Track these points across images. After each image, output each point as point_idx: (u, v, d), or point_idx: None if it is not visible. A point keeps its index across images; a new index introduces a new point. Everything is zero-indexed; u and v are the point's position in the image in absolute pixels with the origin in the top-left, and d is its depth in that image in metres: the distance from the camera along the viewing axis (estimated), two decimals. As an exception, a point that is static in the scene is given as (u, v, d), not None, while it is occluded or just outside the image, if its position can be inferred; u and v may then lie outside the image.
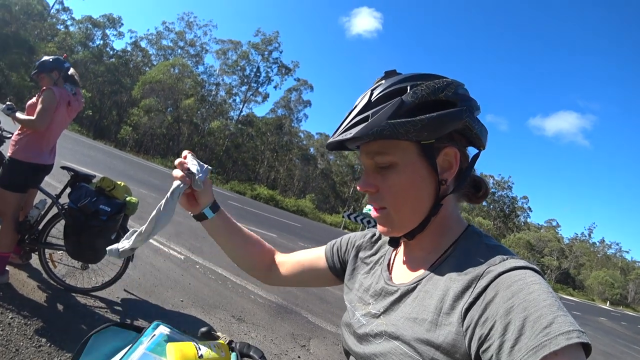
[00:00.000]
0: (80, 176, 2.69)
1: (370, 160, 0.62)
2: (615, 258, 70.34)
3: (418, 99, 0.57)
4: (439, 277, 0.58)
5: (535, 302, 0.45)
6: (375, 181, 0.62)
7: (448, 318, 0.52)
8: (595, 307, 35.24)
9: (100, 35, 39.12)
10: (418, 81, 0.59)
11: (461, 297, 0.53)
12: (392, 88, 0.59)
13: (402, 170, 0.59)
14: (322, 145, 46.93)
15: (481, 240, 0.60)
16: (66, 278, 2.91)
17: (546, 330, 0.43)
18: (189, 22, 42.04)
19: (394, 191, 0.60)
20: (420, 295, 0.58)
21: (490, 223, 49.42)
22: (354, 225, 28.66)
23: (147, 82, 32.06)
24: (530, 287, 0.47)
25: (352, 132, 0.58)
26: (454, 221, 0.64)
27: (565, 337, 0.42)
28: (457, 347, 0.50)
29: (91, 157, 11.81)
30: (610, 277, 56.13)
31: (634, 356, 10.04)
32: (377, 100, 0.58)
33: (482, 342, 0.47)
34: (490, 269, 0.52)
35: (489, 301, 0.49)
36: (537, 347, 0.42)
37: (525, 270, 0.51)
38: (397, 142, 0.58)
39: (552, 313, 0.44)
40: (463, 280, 0.54)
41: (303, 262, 0.88)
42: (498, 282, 0.50)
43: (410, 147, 0.59)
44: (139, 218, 5.57)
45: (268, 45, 40.75)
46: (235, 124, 39.88)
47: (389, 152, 0.59)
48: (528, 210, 58.96)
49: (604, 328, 15.84)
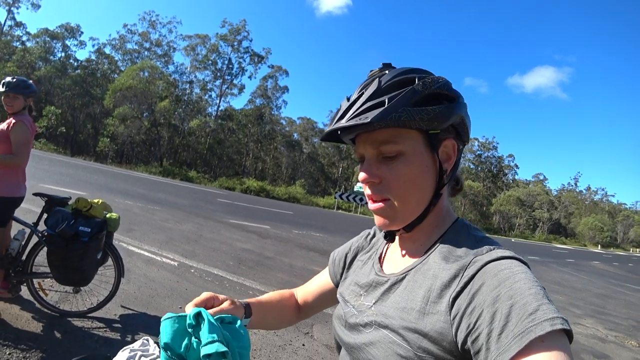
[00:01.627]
0: (54, 201, 2.64)
1: (375, 150, 0.61)
2: (602, 203, 72.81)
3: (427, 89, 0.58)
4: (428, 267, 0.59)
5: (520, 291, 0.47)
6: (379, 171, 0.61)
7: (436, 307, 0.54)
8: (587, 252, 36.57)
9: (61, 47, 37.71)
10: (423, 73, 0.61)
11: (449, 286, 0.54)
12: (402, 77, 0.60)
13: (411, 159, 0.59)
14: (305, 129, 46.68)
15: (469, 232, 0.62)
16: (60, 304, 2.89)
17: (532, 316, 0.44)
18: (152, 22, 40.69)
19: (403, 181, 0.60)
20: (410, 285, 0.60)
21: (480, 184, 50.28)
22: (347, 205, 28.91)
23: (118, 89, 31.11)
24: (516, 276, 0.49)
25: (369, 116, 0.56)
26: (445, 213, 0.66)
27: (550, 323, 0.43)
28: (445, 335, 0.52)
29: (70, 176, 11.53)
30: (599, 221, 58.13)
31: (627, 294, 10.53)
32: (388, 87, 0.59)
33: (470, 331, 0.49)
34: (477, 258, 0.54)
35: (476, 290, 0.50)
36: (523, 332, 0.43)
37: (511, 260, 0.52)
38: (406, 131, 0.59)
39: (537, 301, 0.46)
40: (450, 270, 0.55)
41: (315, 292, 0.89)
42: (485, 271, 0.52)
43: (418, 136, 0.59)
44: (128, 230, 5.53)
45: (236, 35, 39.82)
46: (214, 120, 39.28)
47: (397, 141, 0.59)
48: (515, 168, 60.23)
49: (598, 271, 16.49)
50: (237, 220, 9.36)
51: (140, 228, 5.94)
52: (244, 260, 5.41)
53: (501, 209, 50.66)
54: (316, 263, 6.25)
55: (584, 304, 7.67)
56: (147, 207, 8.18)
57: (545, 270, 12.51)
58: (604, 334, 5.44)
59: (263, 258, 5.82)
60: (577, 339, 4.90)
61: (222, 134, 39.42)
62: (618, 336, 5.44)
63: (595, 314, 6.82)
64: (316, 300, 0.89)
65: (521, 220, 52.59)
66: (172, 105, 35.19)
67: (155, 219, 7.00)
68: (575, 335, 4.50)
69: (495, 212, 51.76)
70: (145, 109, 34.06)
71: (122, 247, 4.70)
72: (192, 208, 10.13)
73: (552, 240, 48.63)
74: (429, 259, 0.61)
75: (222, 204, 13.13)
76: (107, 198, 8.07)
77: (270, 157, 43.96)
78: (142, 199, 9.43)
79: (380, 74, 0.61)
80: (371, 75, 0.64)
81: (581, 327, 5.60)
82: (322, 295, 0.88)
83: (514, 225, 52.51)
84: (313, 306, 0.90)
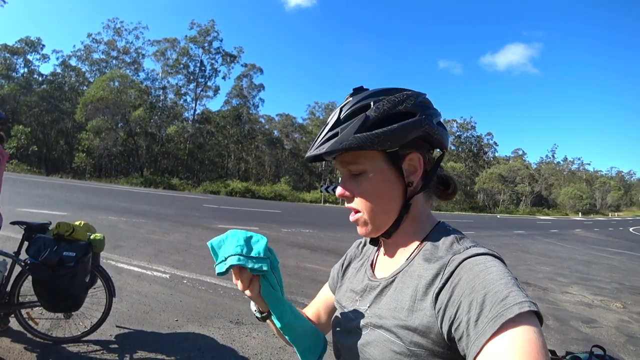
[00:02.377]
0: (33, 228, 2.56)
1: (345, 169, 0.69)
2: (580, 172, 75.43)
3: (380, 113, 0.63)
4: (414, 269, 0.64)
5: (493, 281, 0.52)
6: (350, 187, 0.69)
7: (422, 303, 0.59)
8: (570, 220, 37.88)
9: (23, 62, 36.11)
10: (381, 96, 0.65)
11: (432, 284, 0.59)
12: (358, 105, 0.65)
13: (372, 177, 0.66)
14: (284, 126, 46.41)
15: (448, 233, 0.67)
16: (52, 331, 2.82)
17: (502, 302, 0.49)
18: (117, 29, 39.44)
19: (366, 196, 0.67)
20: (399, 286, 0.65)
21: (462, 165, 51.24)
22: (333, 198, 29.00)
23: (89, 102, 30.14)
24: (489, 269, 0.54)
25: (325, 147, 0.65)
26: (424, 218, 0.71)
27: (519, 307, 0.48)
28: (431, 328, 0.57)
29: (48, 197, 11.15)
30: (578, 190, 60.24)
31: (609, 258, 11.00)
32: (345, 117, 0.65)
33: (452, 321, 0.54)
34: (455, 257, 0.59)
35: (455, 284, 0.56)
36: (495, 317, 0.48)
37: (485, 255, 0.58)
38: (365, 152, 0.65)
39: (508, 289, 0.51)
40: (433, 269, 0.61)
41: (320, 309, 0.92)
42: (462, 267, 0.57)
43: (377, 155, 0.66)
44: (114, 247, 5.42)
45: (206, 36, 39.05)
46: (192, 124, 38.60)
47: (359, 162, 0.66)
48: (494, 145, 61.65)
49: (580, 239, 17.14)
50: (226, 225, 9.28)
51: (128, 243, 5.83)
52: (236, 265, 5.37)
53: (484, 186, 51.82)
54: (308, 260, 6.28)
55: (570, 272, 7.97)
56: (132, 221, 8.02)
57: (531, 243, 12.92)
58: (590, 299, 5.68)
59: (255, 261, 5.79)
60: (565, 307, 5.10)
61: (201, 138, 38.83)
62: (603, 300, 5.70)
63: (581, 280, 7.11)
64: (322, 317, 0.91)
65: (505, 196, 53.94)
66: (147, 113, 34.38)
67: (142, 232, 6.88)
68: (563, 304, 4.65)
69: (479, 191, 52.93)
70: (119, 120, 33.17)
71: (110, 264, 4.61)
72: (178, 217, 9.99)
73: (536, 213, 50.15)
74: (413, 261, 0.66)
75: (209, 210, 12.99)
76: (90, 215, 7.88)
77: (253, 157, 43.59)
78: (126, 213, 9.24)
79: (344, 103, 0.68)
80: (345, 99, 0.69)
81: (568, 295, 5.84)
82: (327, 310, 0.90)
83: (498, 201, 53.82)
84: (320, 325, 0.91)
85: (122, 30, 39.50)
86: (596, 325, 4.49)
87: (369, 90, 0.68)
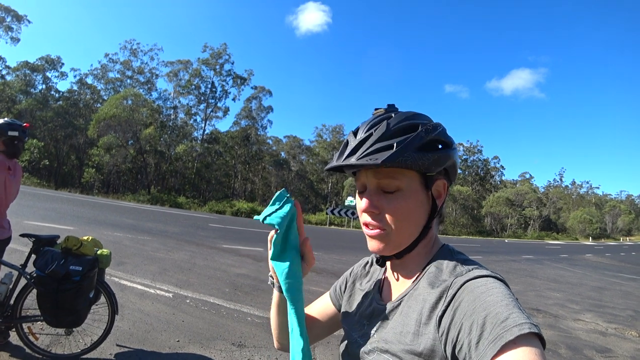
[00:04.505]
0: (42, 240, 2.58)
1: (376, 182, 0.67)
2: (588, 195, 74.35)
3: (429, 136, 0.65)
4: (419, 293, 0.65)
5: (493, 303, 0.52)
6: (379, 202, 0.67)
7: (426, 327, 0.59)
8: (580, 245, 37.02)
9: (42, 79, 37.36)
10: (424, 120, 0.68)
11: (435, 307, 0.60)
12: (407, 122, 0.66)
13: (407, 195, 0.66)
14: (292, 147, 46.79)
15: (452, 256, 0.68)
16: (52, 347, 2.79)
17: (502, 324, 0.49)
18: (133, 50, 40.84)
19: (397, 214, 0.66)
20: (404, 310, 0.66)
21: (469, 188, 50.83)
22: (339, 220, 28.80)
23: (102, 119, 30.81)
24: (490, 291, 0.55)
25: (380, 158, 0.62)
26: (433, 242, 0.72)
27: (518, 329, 0.48)
28: (436, 352, 0.57)
29: (55, 211, 11.27)
30: (587, 214, 59.06)
31: (622, 284, 10.66)
32: (396, 131, 0.65)
33: (454, 343, 0.54)
34: (457, 280, 0.60)
35: (456, 307, 0.56)
36: (495, 339, 0.48)
37: (487, 278, 0.58)
38: (406, 170, 0.65)
39: (508, 310, 0.51)
40: (436, 293, 0.61)
41: (314, 317, 0.91)
42: (464, 290, 0.58)
43: (415, 176, 0.66)
44: (119, 264, 5.41)
45: (218, 58, 40.14)
46: (200, 144, 39.12)
47: (397, 178, 0.65)
48: (501, 169, 61.27)
49: (592, 264, 16.69)
50: (231, 245, 9.24)
51: (132, 260, 5.82)
52: (240, 286, 5.32)
53: (492, 210, 51.15)
54: (314, 283, 6.19)
55: (582, 298, 7.73)
56: (138, 238, 8.03)
57: (540, 268, 12.61)
58: (603, 327, 5.47)
59: (259, 282, 5.73)
60: (578, 335, 4.92)
61: (209, 158, 39.22)
62: (618, 328, 5.49)
63: (594, 307, 6.88)
64: (321, 324, 0.90)
65: (512, 220, 53.11)
66: (157, 132, 34.99)
67: (147, 250, 6.87)
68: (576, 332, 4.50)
69: (486, 214, 52.21)
70: (130, 137, 33.77)
71: (113, 281, 4.59)
72: (183, 235, 9.99)
73: (545, 237, 49.13)
74: (419, 284, 0.67)
75: (214, 229, 12.97)
76: (96, 231, 7.93)
77: (259, 178, 43.81)
78: (131, 230, 9.26)
79: (387, 116, 0.68)
80: (376, 114, 0.70)
81: (581, 322, 5.64)
82: (320, 320, 0.90)
83: (505, 225, 52.96)
84: (318, 332, 0.90)
85: (138, 51, 40.91)
86: (611, 355, 4.31)
87: (408, 112, 0.69)
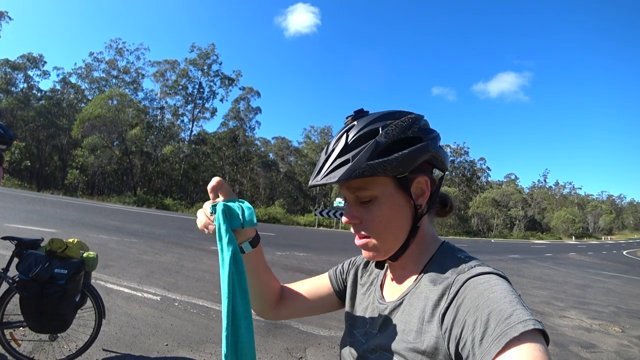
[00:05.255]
0: (25, 243, 2.49)
1: (353, 195, 0.67)
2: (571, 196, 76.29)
3: (390, 138, 0.63)
4: (420, 291, 0.64)
5: (497, 300, 0.52)
6: (358, 213, 0.67)
7: (429, 325, 0.59)
8: (564, 244, 37.93)
9: (23, 78, 36.34)
10: (387, 121, 0.65)
11: (438, 304, 0.59)
12: (366, 130, 0.64)
13: (383, 202, 0.65)
14: (280, 149, 46.67)
15: (453, 254, 0.67)
16: (34, 354, 2.70)
17: (507, 321, 0.49)
18: (119, 49, 40.10)
19: (377, 222, 0.66)
20: (407, 308, 0.65)
21: (456, 189, 51.51)
22: (328, 221, 28.84)
23: (86, 119, 30.15)
24: (493, 288, 0.54)
25: (336, 175, 0.62)
26: (430, 239, 0.71)
27: (523, 325, 0.47)
28: (439, 350, 0.56)
29: (38, 213, 10.96)
30: (570, 214, 60.60)
31: (604, 281, 10.96)
32: (353, 143, 0.64)
33: (458, 340, 0.53)
34: (459, 277, 0.60)
35: (459, 304, 0.56)
36: (499, 336, 0.48)
37: (489, 275, 0.58)
38: (376, 178, 0.64)
39: (512, 307, 0.50)
40: (438, 290, 0.61)
41: (308, 291, 0.89)
42: (466, 287, 0.57)
43: (388, 181, 0.65)
44: (104, 267, 5.28)
45: (206, 59, 39.79)
46: (188, 145, 38.69)
47: (369, 188, 0.65)
48: (487, 170, 62.37)
49: (575, 262, 17.12)
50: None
51: (118, 263, 5.69)
52: (229, 287, 5.25)
53: (478, 211, 51.95)
54: (304, 282, 6.16)
55: (566, 296, 7.91)
56: (124, 240, 7.86)
57: (526, 267, 12.85)
58: (588, 323, 5.60)
59: (249, 282, 5.67)
60: (564, 331, 5.02)
61: (196, 159, 38.79)
62: (601, 324, 5.63)
63: (578, 304, 7.04)
64: (304, 300, 0.87)
65: (498, 221, 54.04)
66: (144, 133, 34.45)
67: (133, 252, 6.72)
68: (561, 328, 4.60)
69: (473, 215, 52.99)
70: (115, 138, 33.14)
71: (99, 285, 4.48)
72: (170, 237, 9.83)
73: (530, 237, 50.16)
74: (420, 282, 0.66)
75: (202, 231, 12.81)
76: (80, 233, 7.73)
77: (247, 179, 43.52)
78: (117, 232, 9.07)
79: (349, 127, 0.66)
80: (345, 123, 0.69)
81: (567, 319, 5.76)
82: (314, 296, 0.87)
83: (492, 225, 53.85)
84: (298, 306, 0.87)
85: (123, 51, 40.19)
86: (596, 350, 4.41)
87: (373, 114, 0.67)
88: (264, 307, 0.86)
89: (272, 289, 0.85)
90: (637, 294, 9.29)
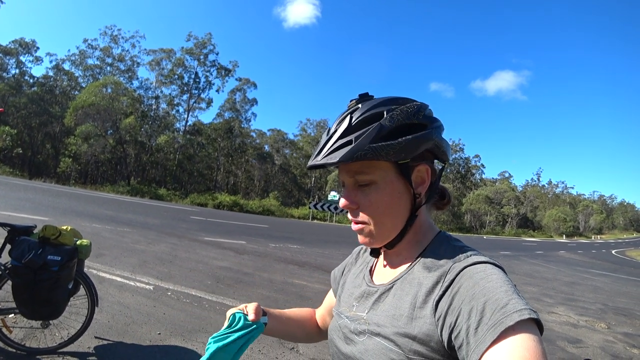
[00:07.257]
0: (18, 230, 2.47)
1: (351, 179, 0.66)
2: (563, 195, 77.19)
3: (395, 123, 0.62)
4: (413, 277, 0.64)
5: (493, 289, 0.52)
6: (356, 198, 0.66)
7: (422, 311, 0.59)
8: (554, 242, 38.41)
9: (15, 63, 35.68)
10: (392, 105, 0.64)
11: (432, 291, 0.59)
12: (370, 112, 0.63)
13: (382, 187, 0.64)
14: (275, 141, 46.47)
15: (449, 243, 0.67)
16: (26, 341, 2.69)
17: (502, 310, 0.49)
18: (114, 36, 39.41)
19: (375, 207, 0.65)
20: (398, 293, 0.64)
21: (450, 185, 51.80)
22: (322, 214, 28.90)
23: (79, 107, 29.72)
24: (489, 277, 0.54)
25: (337, 156, 0.61)
26: (426, 228, 0.70)
27: (518, 314, 0.48)
28: (431, 336, 0.56)
29: (30, 201, 10.86)
30: (562, 213, 61.32)
31: (592, 279, 11.14)
32: (357, 125, 0.62)
33: (452, 329, 0.53)
34: (455, 265, 0.60)
35: (455, 292, 0.56)
36: (495, 324, 0.48)
37: (485, 264, 0.58)
38: (376, 162, 0.63)
39: (508, 297, 0.51)
40: (433, 277, 0.61)
41: (325, 314, 0.94)
42: (462, 275, 0.57)
43: (389, 166, 0.64)
44: (97, 255, 5.27)
45: (202, 48, 39.29)
46: (183, 135, 38.35)
47: (369, 172, 0.64)
48: (482, 167, 62.79)
49: (565, 260, 17.36)
50: (212, 238, 9.13)
51: (111, 252, 5.67)
52: (222, 279, 5.27)
53: (471, 207, 52.36)
54: (296, 276, 6.19)
55: (555, 292, 8.03)
56: (117, 230, 7.82)
57: (517, 264, 13.02)
58: (575, 319, 5.71)
59: (241, 275, 5.69)
60: (552, 327, 5.11)
61: (191, 149, 38.51)
62: (588, 320, 5.74)
63: (566, 301, 7.16)
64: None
65: (491, 218, 54.53)
66: (138, 122, 34.06)
67: (126, 242, 6.70)
68: (549, 324, 4.66)
69: (466, 212, 53.41)
70: (109, 127, 32.76)
71: (92, 273, 4.47)
72: (164, 227, 9.80)
73: (522, 234, 50.70)
74: (414, 269, 0.65)
75: (196, 222, 12.78)
76: (73, 222, 7.67)
77: (242, 171, 43.38)
78: (110, 221, 9.02)
79: (353, 109, 0.65)
80: (349, 106, 0.68)
81: (555, 315, 5.86)
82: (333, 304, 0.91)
83: (484, 222, 54.33)
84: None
85: (118, 38, 39.52)
86: (582, 345, 4.51)
87: (378, 99, 0.66)
88: (312, 339, 0.96)
89: (308, 325, 0.94)
90: (624, 292, 9.46)
